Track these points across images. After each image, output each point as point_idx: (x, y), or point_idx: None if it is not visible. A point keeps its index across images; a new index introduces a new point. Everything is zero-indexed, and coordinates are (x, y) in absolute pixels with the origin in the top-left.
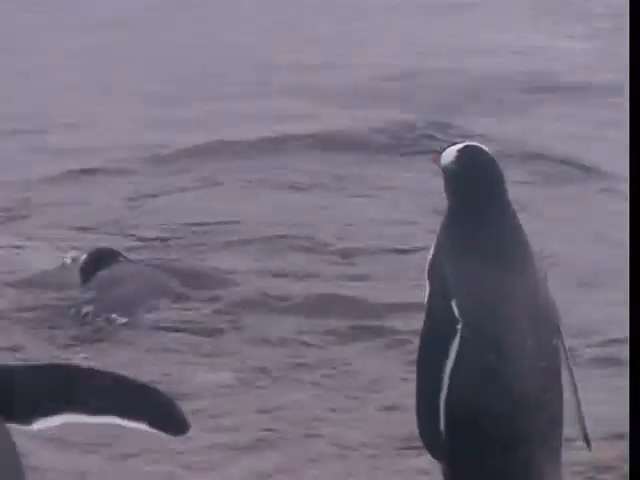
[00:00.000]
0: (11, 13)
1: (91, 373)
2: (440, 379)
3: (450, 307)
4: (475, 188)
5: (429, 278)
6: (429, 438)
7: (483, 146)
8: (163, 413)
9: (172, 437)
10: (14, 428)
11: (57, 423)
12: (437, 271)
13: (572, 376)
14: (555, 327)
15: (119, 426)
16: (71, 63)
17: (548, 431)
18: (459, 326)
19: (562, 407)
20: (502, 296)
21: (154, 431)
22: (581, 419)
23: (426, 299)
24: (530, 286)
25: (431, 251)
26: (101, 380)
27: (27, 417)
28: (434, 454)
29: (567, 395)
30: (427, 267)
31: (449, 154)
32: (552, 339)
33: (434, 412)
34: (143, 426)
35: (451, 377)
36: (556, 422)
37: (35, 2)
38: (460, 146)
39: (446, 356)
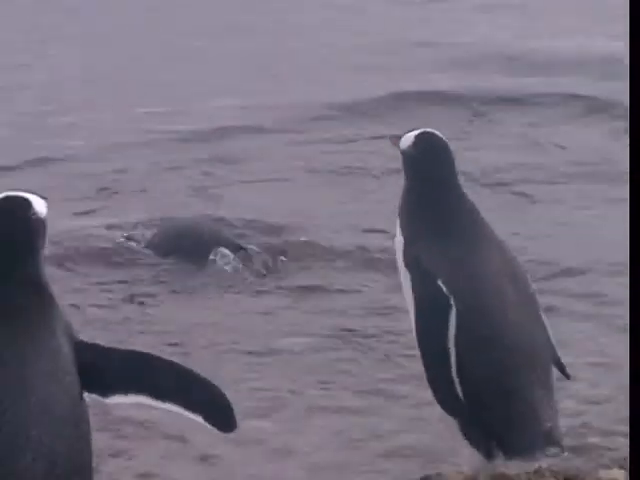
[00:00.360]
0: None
1: (164, 363)
2: (446, 351)
3: (439, 287)
4: (430, 171)
5: (407, 266)
6: (448, 403)
7: (438, 132)
8: (217, 411)
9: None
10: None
11: (127, 402)
12: (413, 258)
13: (544, 317)
14: (527, 278)
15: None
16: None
17: (542, 367)
18: (452, 301)
19: (547, 346)
20: (480, 264)
21: (206, 424)
22: (555, 353)
23: (408, 285)
24: (498, 250)
25: (399, 240)
26: (171, 371)
27: (105, 392)
28: (453, 414)
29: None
30: (401, 256)
31: (407, 139)
32: (528, 289)
33: (447, 380)
34: (199, 419)
35: (456, 346)
36: (545, 360)
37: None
38: (417, 132)
39: (447, 329)
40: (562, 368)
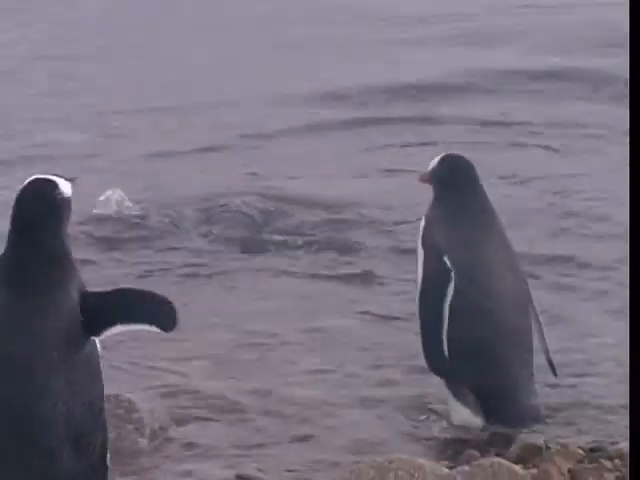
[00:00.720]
0: None
1: (133, 293)
2: (441, 316)
3: (444, 261)
4: (453, 183)
5: (423, 245)
6: (434, 362)
7: (461, 154)
8: (169, 318)
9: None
10: None
11: (112, 333)
12: (429, 238)
13: (534, 307)
14: (523, 272)
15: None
16: None
17: (525, 350)
18: (452, 274)
19: (531, 331)
20: (481, 248)
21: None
22: (545, 347)
23: (421, 261)
24: (503, 243)
25: (421, 226)
26: (137, 297)
27: (98, 330)
28: (439, 374)
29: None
30: (420, 237)
31: (435, 161)
32: (523, 282)
33: (438, 342)
34: (154, 329)
35: (450, 313)
36: (529, 346)
37: None
38: (443, 154)
39: (444, 297)
40: (551, 364)
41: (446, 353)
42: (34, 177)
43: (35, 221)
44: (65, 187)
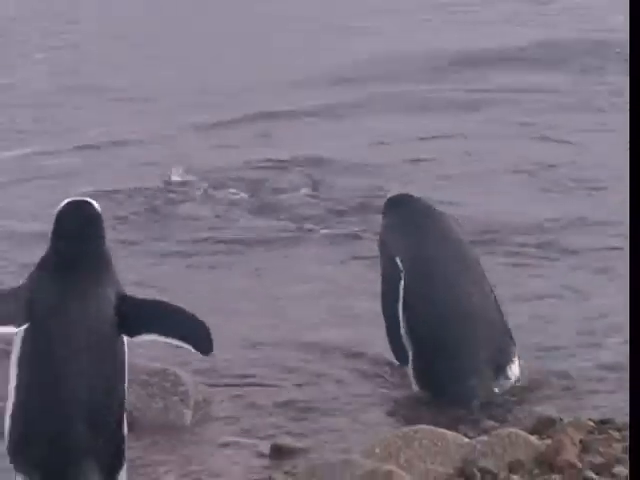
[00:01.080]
0: None
1: (171, 308)
2: (397, 309)
3: (395, 262)
4: (395, 207)
5: (379, 249)
6: (397, 351)
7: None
8: (205, 339)
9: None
10: None
11: (147, 339)
12: (383, 242)
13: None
14: (479, 265)
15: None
16: None
17: (475, 340)
18: (402, 275)
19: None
20: (427, 249)
21: (193, 350)
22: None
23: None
24: (453, 242)
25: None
26: (175, 313)
27: (135, 333)
28: (401, 362)
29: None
30: (378, 244)
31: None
32: (478, 275)
33: (397, 331)
34: (189, 347)
35: (403, 306)
36: (484, 333)
37: None
38: (390, 194)
39: (398, 293)
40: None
41: (407, 344)
42: (70, 199)
43: (80, 232)
44: (96, 205)
